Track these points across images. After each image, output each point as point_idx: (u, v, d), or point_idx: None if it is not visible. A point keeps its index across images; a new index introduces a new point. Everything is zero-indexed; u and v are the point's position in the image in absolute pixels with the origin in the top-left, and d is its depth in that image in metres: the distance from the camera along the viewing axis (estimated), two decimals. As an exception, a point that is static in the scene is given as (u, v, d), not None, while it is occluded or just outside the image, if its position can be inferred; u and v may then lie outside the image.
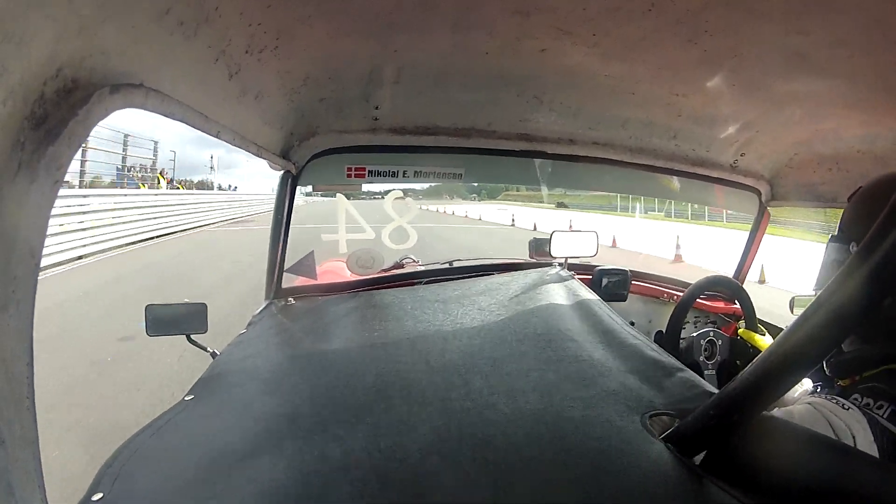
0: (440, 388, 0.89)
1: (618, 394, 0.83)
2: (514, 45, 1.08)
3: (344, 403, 0.85)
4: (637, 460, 0.65)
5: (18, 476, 0.42)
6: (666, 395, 0.83)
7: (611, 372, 0.92)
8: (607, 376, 0.90)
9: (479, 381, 0.90)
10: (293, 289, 1.69)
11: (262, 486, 0.62)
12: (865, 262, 0.46)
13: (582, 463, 0.67)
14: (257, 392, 0.92)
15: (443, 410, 0.81)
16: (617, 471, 0.65)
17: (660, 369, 0.92)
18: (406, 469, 0.66)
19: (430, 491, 0.62)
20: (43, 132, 0.42)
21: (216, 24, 0.69)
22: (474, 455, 0.69)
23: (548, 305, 1.33)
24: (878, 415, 0.71)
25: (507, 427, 0.76)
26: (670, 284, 2.20)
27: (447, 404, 0.83)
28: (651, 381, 0.88)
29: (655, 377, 0.89)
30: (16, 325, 0.42)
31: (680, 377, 0.89)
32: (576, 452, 0.69)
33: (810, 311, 0.51)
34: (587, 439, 0.71)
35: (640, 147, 1.77)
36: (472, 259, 2.28)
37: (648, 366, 0.94)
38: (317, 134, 1.57)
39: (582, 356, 0.99)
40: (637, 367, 0.93)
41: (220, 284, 7.06)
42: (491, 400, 0.83)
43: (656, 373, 0.91)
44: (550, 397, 0.84)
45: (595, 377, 0.90)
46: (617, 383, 0.87)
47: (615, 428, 0.73)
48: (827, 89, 1.15)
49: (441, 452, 0.70)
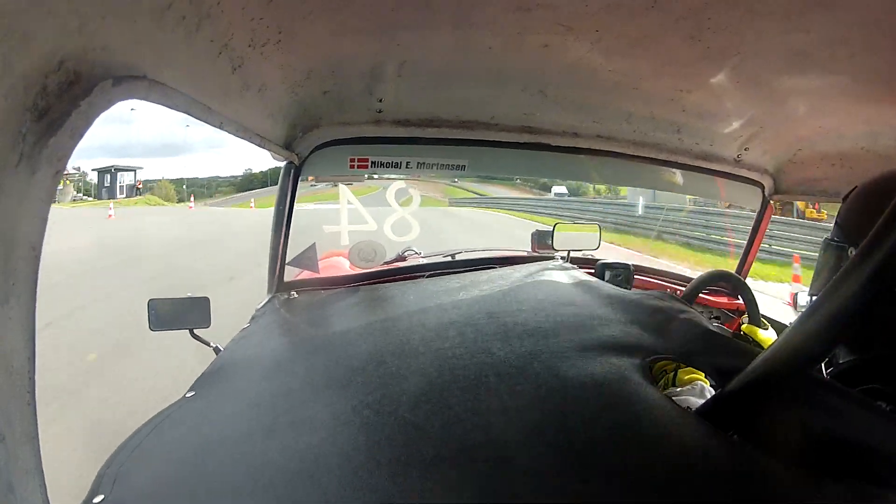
0: (434, 340, 0.88)
1: (618, 339, 0.83)
2: (516, 40, 1.08)
3: (338, 375, 0.84)
4: (636, 400, 0.65)
5: (19, 473, 0.42)
6: (668, 341, 0.82)
7: (611, 322, 0.91)
8: (607, 325, 0.89)
9: (472, 332, 0.89)
10: (296, 282, 1.70)
11: (260, 476, 0.62)
12: (867, 262, 0.47)
13: (578, 399, 0.67)
14: (260, 387, 0.92)
15: (434, 359, 0.80)
16: (615, 409, 0.64)
17: (661, 314, 0.91)
18: (395, 422, 0.66)
19: (419, 441, 0.62)
20: (45, 124, 0.41)
21: (218, 19, 0.69)
22: (465, 397, 0.69)
23: (550, 281, 1.35)
24: None
25: (499, 367, 0.76)
26: (673, 279, 2.20)
27: (439, 353, 0.82)
28: (652, 328, 0.87)
29: (657, 323, 0.88)
30: (17, 318, 0.41)
31: (682, 319, 0.88)
32: (572, 389, 0.69)
33: (813, 308, 0.52)
34: (584, 377, 0.71)
35: (643, 141, 1.76)
36: (475, 251, 2.28)
37: (650, 313, 0.93)
38: (320, 126, 1.57)
39: (582, 312, 0.98)
40: (638, 318, 0.93)
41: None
42: (484, 346, 0.83)
43: (658, 319, 0.90)
44: (546, 339, 0.83)
45: (595, 325, 0.89)
46: (618, 330, 0.87)
47: (614, 367, 0.73)
48: (829, 86, 1.14)
49: (431, 399, 0.70)
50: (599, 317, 0.94)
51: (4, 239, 0.40)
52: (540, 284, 1.30)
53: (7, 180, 0.39)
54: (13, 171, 0.39)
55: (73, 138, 0.45)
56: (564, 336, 0.84)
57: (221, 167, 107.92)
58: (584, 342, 0.81)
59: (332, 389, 0.79)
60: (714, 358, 0.77)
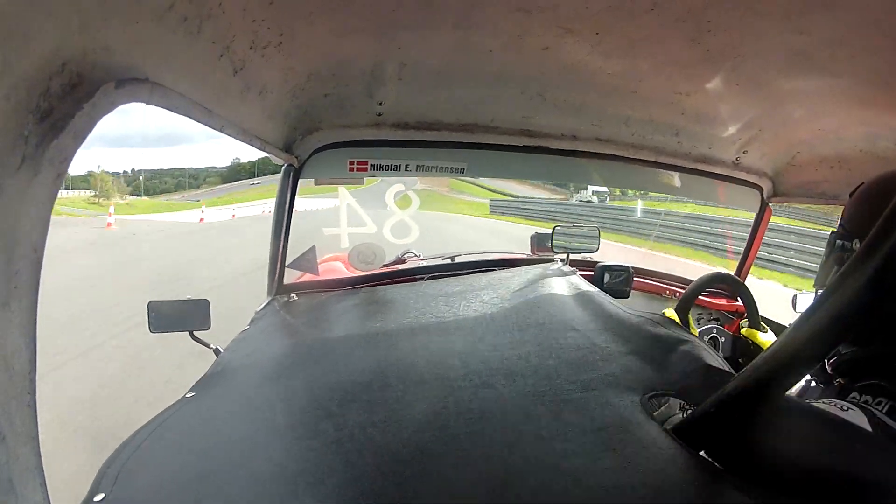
0: (438, 368, 0.89)
1: (618, 376, 0.84)
2: (516, 42, 1.08)
3: (341, 386, 0.85)
4: (634, 439, 0.66)
5: (19, 473, 0.42)
6: (667, 374, 0.83)
7: (612, 356, 0.92)
8: (608, 360, 0.90)
9: (477, 364, 0.90)
10: (295, 285, 1.70)
11: (261, 476, 0.62)
12: (868, 262, 0.46)
13: (579, 440, 0.68)
14: (259, 388, 0.92)
15: (439, 388, 0.81)
16: (614, 448, 0.65)
17: (661, 345, 0.92)
18: (400, 442, 0.67)
19: (425, 463, 0.63)
20: (47, 126, 0.42)
21: (219, 21, 0.69)
22: (470, 429, 0.70)
23: (550, 296, 1.34)
24: (878, 410, 0.71)
25: (504, 405, 0.76)
26: (672, 281, 2.20)
27: (444, 383, 0.83)
28: (652, 361, 0.88)
29: (657, 355, 0.89)
30: (18, 320, 0.41)
31: (682, 351, 0.88)
32: (573, 430, 0.70)
33: (812, 310, 0.52)
34: (585, 419, 0.72)
35: (642, 144, 1.77)
36: (474, 253, 2.28)
37: (650, 343, 0.94)
38: (320, 129, 1.58)
39: (583, 344, 0.99)
40: (638, 348, 0.93)
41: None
42: (489, 381, 0.84)
43: (658, 350, 0.91)
44: (549, 380, 0.84)
45: (596, 361, 0.90)
46: (618, 366, 0.87)
47: (613, 408, 0.74)
48: (828, 88, 1.15)
49: (436, 426, 0.70)
50: (600, 349, 0.96)
51: (6, 240, 0.39)
52: (541, 302, 1.30)
53: (9, 182, 0.39)
54: (15, 173, 0.39)
55: (76, 140, 0.45)
56: (566, 376, 0.86)
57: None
58: (585, 382, 0.82)
59: (335, 402, 0.79)
60: (710, 391, 0.77)
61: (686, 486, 0.59)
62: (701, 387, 0.76)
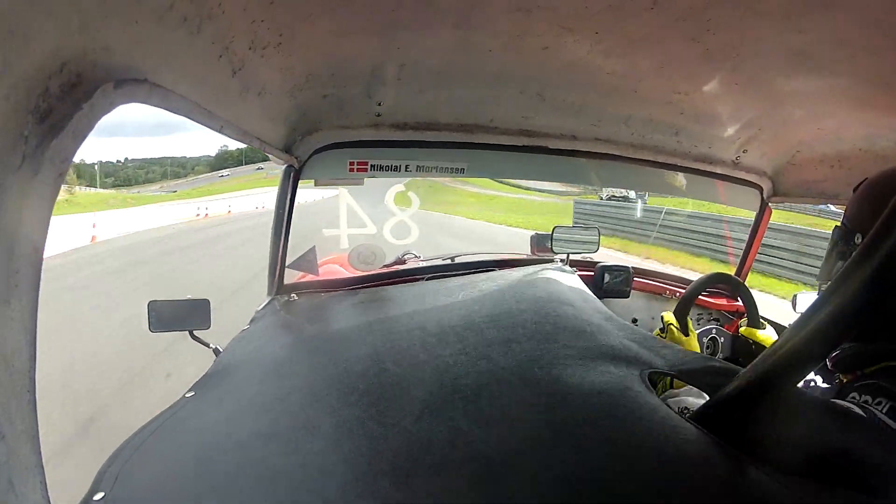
0: (434, 347, 0.89)
1: (616, 349, 0.84)
2: (516, 42, 1.08)
3: (339, 381, 0.85)
4: (634, 409, 0.66)
5: (19, 471, 0.42)
6: (664, 360, 0.84)
7: (609, 332, 0.92)
8: (606, 334, 0.91)
9: (473, 337, 0.90)
10: (295, 285, 1.70)
11: (260, 476, 0.62)
12: (869, 261, 0.47)
13: (579, 407, 0.68)
14: (260, 389, 0.92)
15: (436, 368, 0.81)
16: (614, 417, 0.65)
17: (655, 341, 0.93)
18: (399, 433, 0.67)
19: (422, 451, 0.63)
20: (47, 126, 0.42)
21: (219, 21, 0.69)
22: (467, 408, 0.70)
23: (548, 280, 1.36)
24: (877, 410, 0.72)
25: (501, 374, 0.77)
26: (672, 281, 2.20)
27: (440, 361, 0.83)
28: (649, 348, 0.89)
29: (653, 346, 0.90)
30: (18, 318, 0.42)
31: (675, 349, 0.89)
32: (573, 396, 0.70)
33: (813, 308, 0.52)
34: (584, 385, 0.72)
35: (642, 144, 1.77)
36: (474, 254, 2.29)
37: (646, 338, 0.95)
38: (319, 129, 1.58)
39: (580, 316, 0.99)
40: (635, 337, 0.94)
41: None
42: (485, 351, 0.84)
43: (653, 343, 0.92)
44: (546, 344, 0.84)
45: (594, 333, 0.90)
46: (616, 341, 0.88)
47: (613, 377, 0.74)
48: (828, 88, 1.15)
49: (433, 411, 0.71)
50: (597, 326, 0.96)
51: (6, 240, 0.40)
52: (539, 283, 1.31)
53: (9, 181, 0.39)
54: (15, 173, 0.39)
55: (76, 140, 0.45)
56: (564, 340, 0.85)
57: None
58: (582, 350, 0.82)
59: (333, 396, 0.79)
60: (709, 376, 0.78)
61: (693, 458, 0.60)
62: (698, 370, 0.77)
